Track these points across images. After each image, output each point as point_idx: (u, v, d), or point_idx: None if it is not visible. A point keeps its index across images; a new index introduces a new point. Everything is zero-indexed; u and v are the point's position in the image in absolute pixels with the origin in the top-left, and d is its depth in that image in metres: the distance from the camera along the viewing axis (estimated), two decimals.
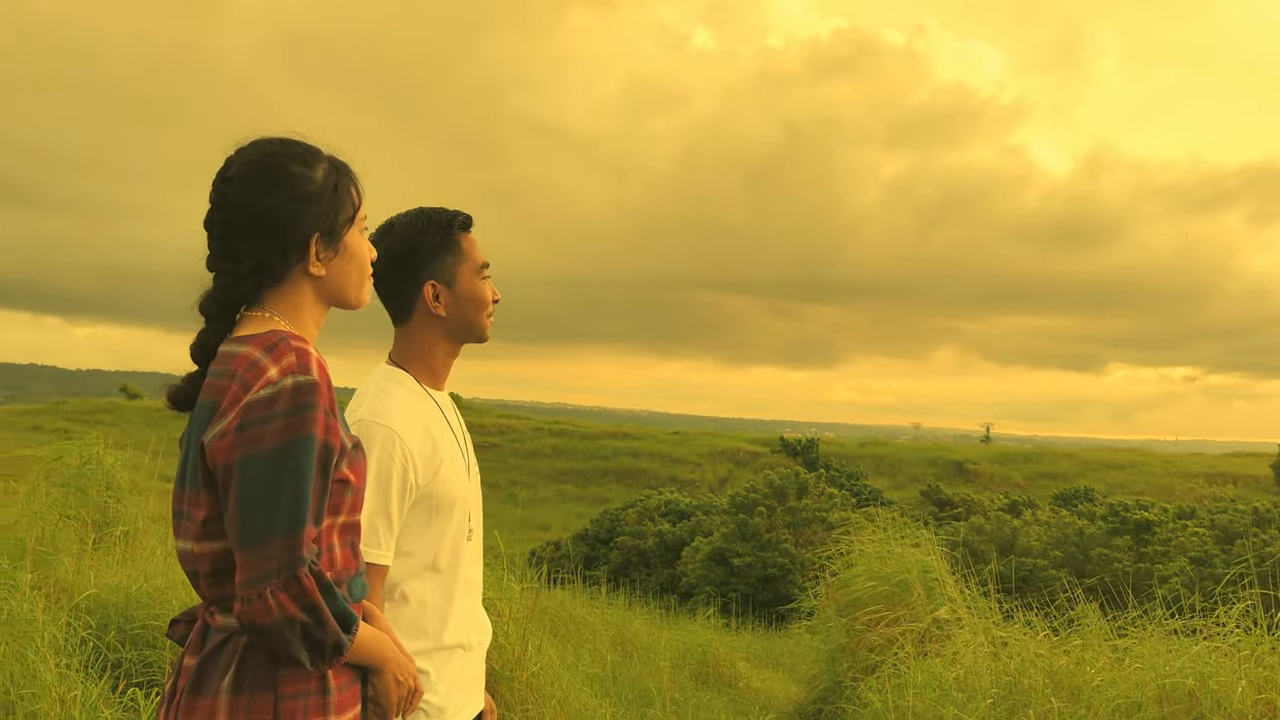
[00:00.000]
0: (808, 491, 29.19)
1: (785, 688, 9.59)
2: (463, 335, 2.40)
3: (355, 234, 1.91)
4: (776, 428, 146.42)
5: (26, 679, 3.70)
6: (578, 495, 71.83)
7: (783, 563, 25.97)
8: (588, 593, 13.92)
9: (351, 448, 1.79)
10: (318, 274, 1.84)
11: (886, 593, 7.83)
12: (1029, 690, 5.51)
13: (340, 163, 1.90)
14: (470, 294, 2.37)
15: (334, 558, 1.78)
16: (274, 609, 1.61)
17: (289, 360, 1.68)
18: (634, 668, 8.10)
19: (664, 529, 34.04)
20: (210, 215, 1.79)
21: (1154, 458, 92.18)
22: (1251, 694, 4.69)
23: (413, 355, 2.37)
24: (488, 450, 78.85)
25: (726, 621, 16.97)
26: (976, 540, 26.86)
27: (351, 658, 1.75)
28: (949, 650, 6.62)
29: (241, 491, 1.62)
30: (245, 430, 1.63)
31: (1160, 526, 30.47)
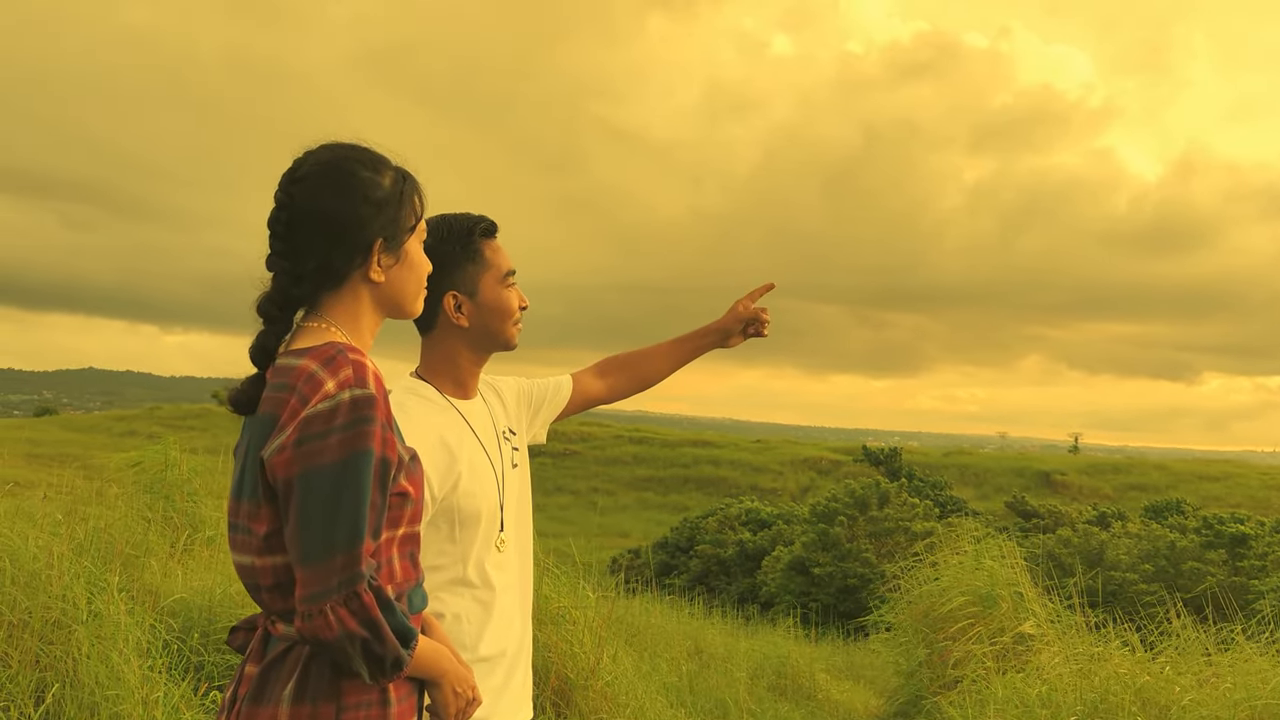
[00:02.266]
0: (889, 501, 28.85)
1: (865, 700, 9.48)
2: (488, 345, 2.35)
3: (416, 243, 1.91)
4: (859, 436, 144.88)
5: (111, 680, 3.79)
6: (658, 503, 71.80)
7: (863, 573, 25.70)
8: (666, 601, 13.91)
9: (409, 460, 1.79)
10: (378, 280, 1.83)
11: (969, 606, 7.70)
12: (1115, 708, 5.37)
13: (406, 172, 1.90)
14: (494, 303, 2.31)
15: (393, 570, 1.77)
16: (334, 624, 1.60)
17: (346, 374, 1.67)
18: (710, 678, 8.06)
19: (744, 538, 33.87)
20: (275, 214, 1.79)
21: (1250, 469, 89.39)
22: None
23: (437, 366, 2.33)
24: (568, 458, 79.20)
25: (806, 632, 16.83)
26: (1063, 553, 26.31)
27: (411, 671, 1.75)
28: (1032, 666, 6.48)
29: (301, 506, 1.62)
30: (304, 445, 1.62)
31: (1257, 540, 29.49)
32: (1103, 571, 24.94)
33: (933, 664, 7.63)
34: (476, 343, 2.33)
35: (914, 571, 8.65)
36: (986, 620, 7.52)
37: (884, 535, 27.64)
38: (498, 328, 2.33)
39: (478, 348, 2.34)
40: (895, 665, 8.81)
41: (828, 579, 26.57)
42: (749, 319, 2.82)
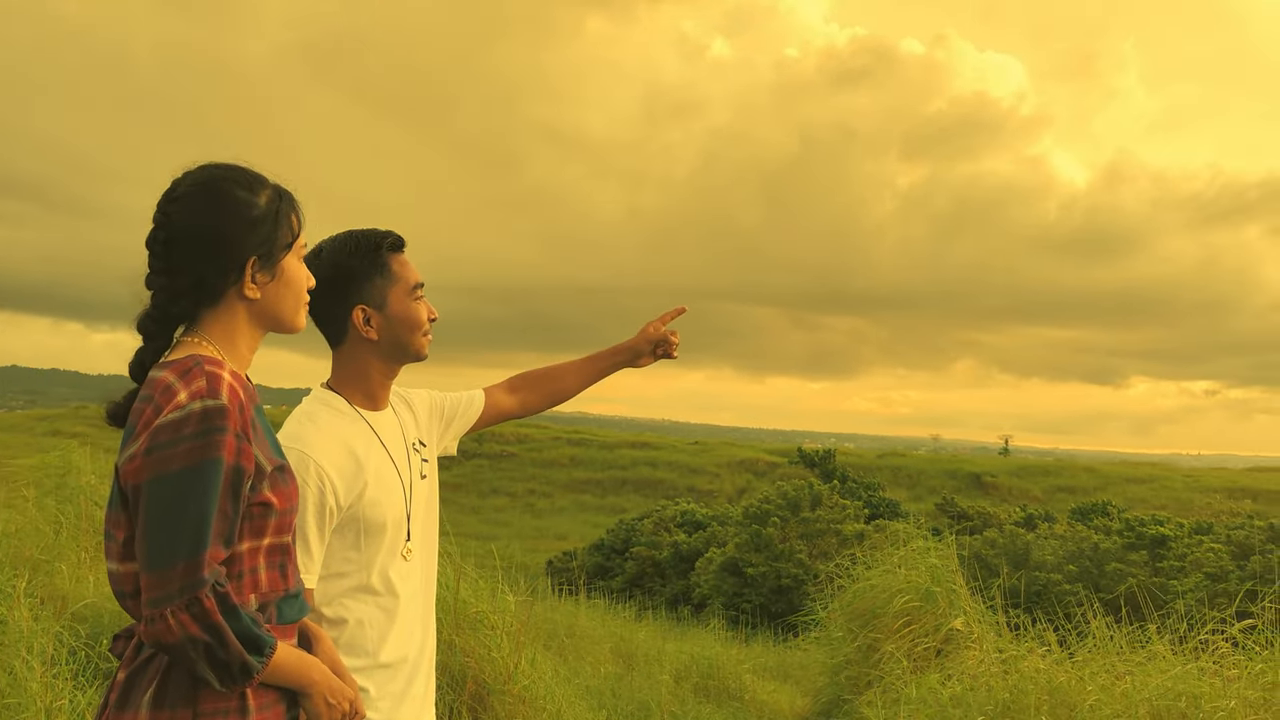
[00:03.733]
0: (822, 503, 29.10)
1: (791, 700, 9.56)
2: (398, 357, 2.41)
3: (294, 260, 1.96)
4: (796, 438, 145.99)
5: (13, 688, 3.72)
6: (596, 505, 71.74)
7: (796, 573, 25.89)
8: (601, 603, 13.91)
9: (273, 470, 1.83)
10: (254, 297, 1.89)
11: (895, 606, 7.80)
12: (1026, 708, 5.48)
13: (284, 191, 1.96)
14: (403, 316, 2.37)
15: (258, 580, 1.81)
16: (175, 629, 1.64)
17: (199, 385, 1.72)
18: (635, 680, 8.09)
19: (679, 539, 33.96)
20: (153, 234, 1.85)
21: (1175, 472, 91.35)
22: (1243, 714, 4.65)
23: (347, 378, 2.38)
24: (505, 460, 78.90)
25: (737, 633, 16.93)
26: (989, 554, 26.72)
27: (270, 679, 1.78)
28: (954, 666, 6.59)
29: (147, 513, 1.67)
30: (153, 453, 1.67)
31: (1176, 541, 30.22)
32: (1028, 572, 25.35)
33: (856, 664, 7.72)
34: (387, 355, 2.38)
35: (846, 571, 8.75)
36: (912, 620, 7.62)
37: (816, 536, 27.87)
38: (407, 340, 2.39)
39: (388, 360, 2.39)
40: (821, 665, 8.90)
41: (760, 580, 26.73)
42: (658, 340, 2.92)
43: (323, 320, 2.36)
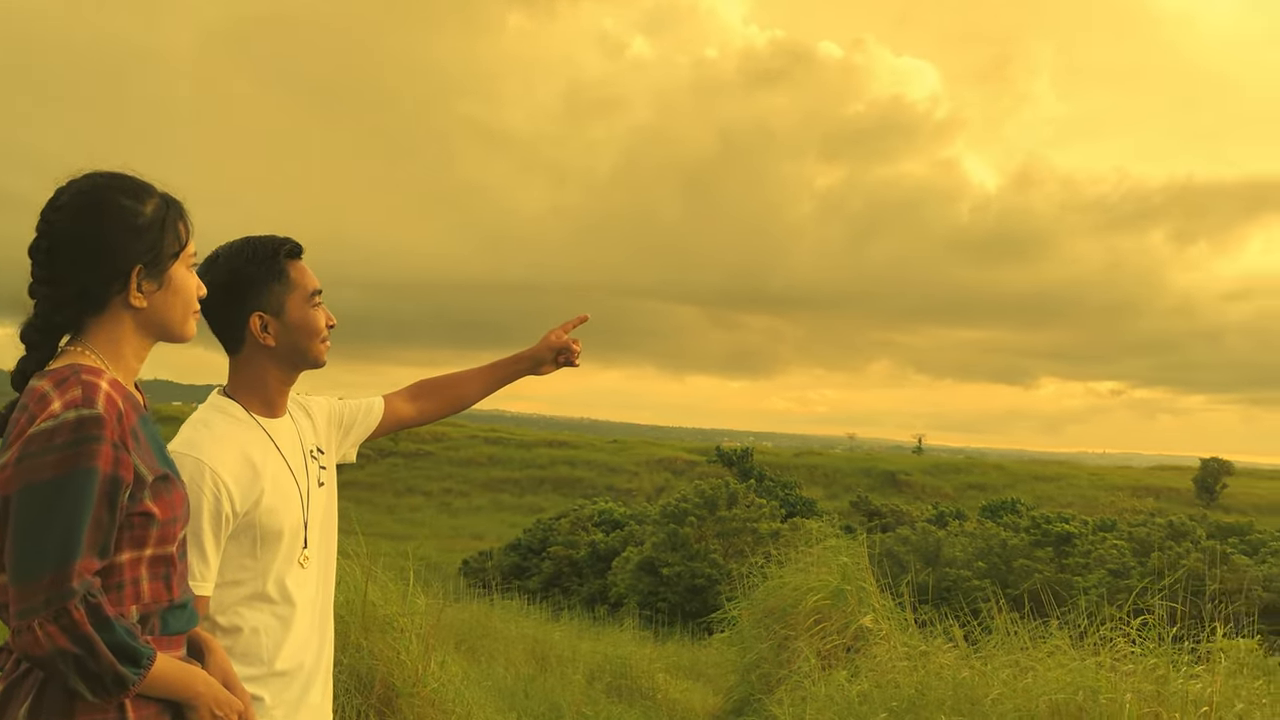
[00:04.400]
0: (738, 502, 29.32)
1: (703, 699, 9.61)
2: (296, 363, 2.38)
3: (181, 269, 1.93)
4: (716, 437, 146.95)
5: None
6: (513, 504, 71.52)
7: (711, 572, 26.06)
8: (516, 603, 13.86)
9: (155, 480, 1.79)
10: (139, 305, 1.86)
11: (807, 604, 7.88)
12: (932, 704, 5.57)
13: (172, 199, 1.93)
14: (301, 323, 2.34)
15: (140, 591, 1.78)
16: (43, 641, 1.62)
17: (74, 394, 1.69)
18: (548, 680, 8.07)
19: (597, 539, 34.00)
20: (36, 242, 1.82)
21: (1082, 470, 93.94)
22: (1138, 708, 4.78)
23: (244, 385, 2.35)
24: (421, 458, 78.27)
25: (653, 632, 16.98)
26: (901, 551, 27.17)
27: (150, 691, 1.75)
28: (863, 663, 6.67)
29: (15, 524, 1.63)
30: (23, 462, 1.64)
31: (1080, 539, 31.05)
32: (938, 569, 25.85)
33: (768, 661, 7.79)
34: (284, 362, 2.36)
35: (761, 569, 8.82)
36: (830, 616, 7.71)
37: (732, 535, 28.07)
38: (305, 346, 2.36)
39: (286, 366, 2.37)
40: (734, 663, 8.96)
41: (676, 579, 26.85)
42: (560, 348, 2.92)
43: (219, 327, 2.32)
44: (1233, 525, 38.69)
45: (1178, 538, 30.20)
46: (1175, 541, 29.55)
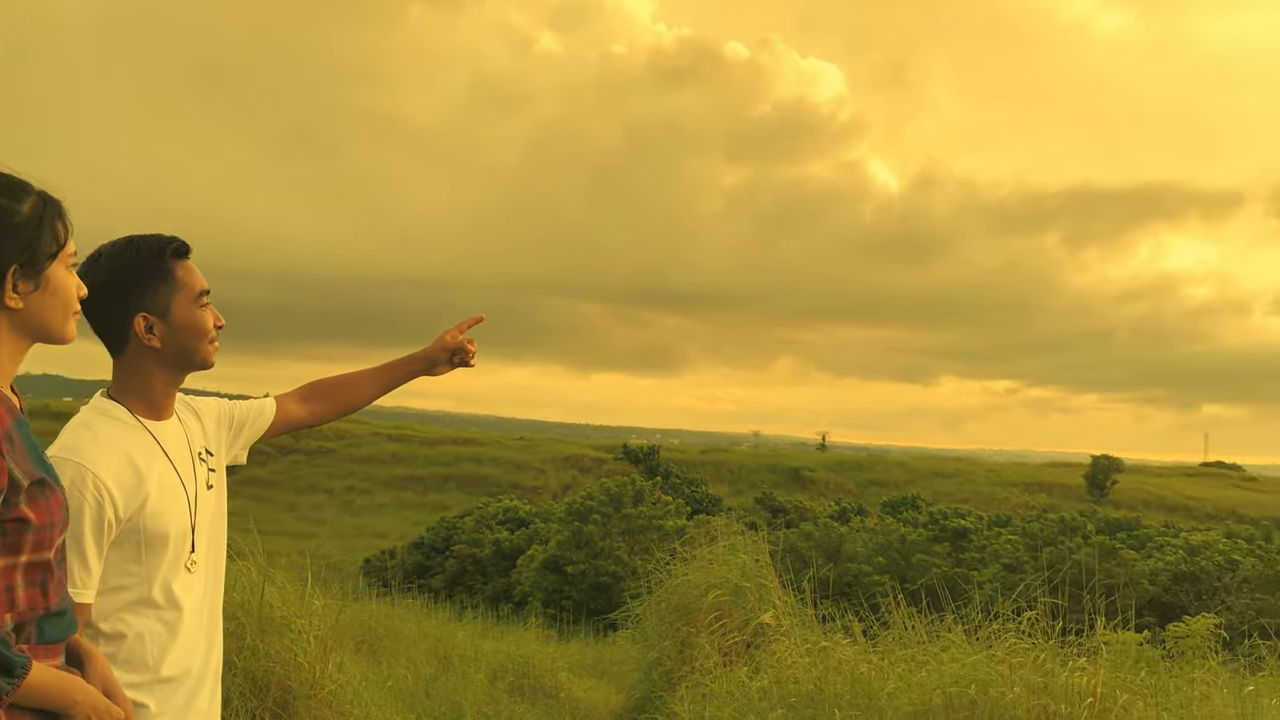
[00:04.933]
0: (643, 499, 29.42)
1: (606, 697, 9.63)
2: (183, 365, 2.33)
3: (60, 269, 1.88)
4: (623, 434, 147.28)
5: None
6: (417, 502, 70.87)
7: (615, 570, 26.12)
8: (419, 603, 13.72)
9: (30, 485, 1.74)
10: (15, 306, 1.81)
11: (709, 601, 7.93)
12: (830, 698, 5.66)
13: (50, 197, 1.87)
14: (188, 323, 2.29)
15: (15, 598, 1.73)
16: None
17: None
18: (450, 680, 8.01)
19: (502, 537, 33.85)
20: None
21: (979, 467, 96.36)
22: (1027, 700, 4.91)
23: (129, 387, 2.29)
24: (323, 455, 77.13)
25: (558, 630, 16.97)
26: (804, 547, 27.54)
27: (25, 700, 1.70)
28: (763, 659, 6.74)
29: None
30: None
31: (976, 534, 31.84)
32: (840, 564, 26.25)
33: (671, 659, 7.83)
34: (171, 363, 2.30)
35: (665, 567, 8.85)
36: (732, 613, 7.78)
37: (637, 533, 28.17)
38: (193, 347, 2.31)
39: (172, 368, 2.31)
40: (636, 661, 8.99)
41: (580, 576, 26.85)
42: (455, 349, 2.89)
43: (101, 329, 2.26)
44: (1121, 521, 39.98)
45: (1069, 533, 31.11)
46: (1066, 537, 30.42)
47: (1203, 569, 27.77)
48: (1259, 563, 28.29)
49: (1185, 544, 31.01)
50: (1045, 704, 4.92)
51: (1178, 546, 30.83)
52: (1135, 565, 28.38)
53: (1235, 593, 26.55)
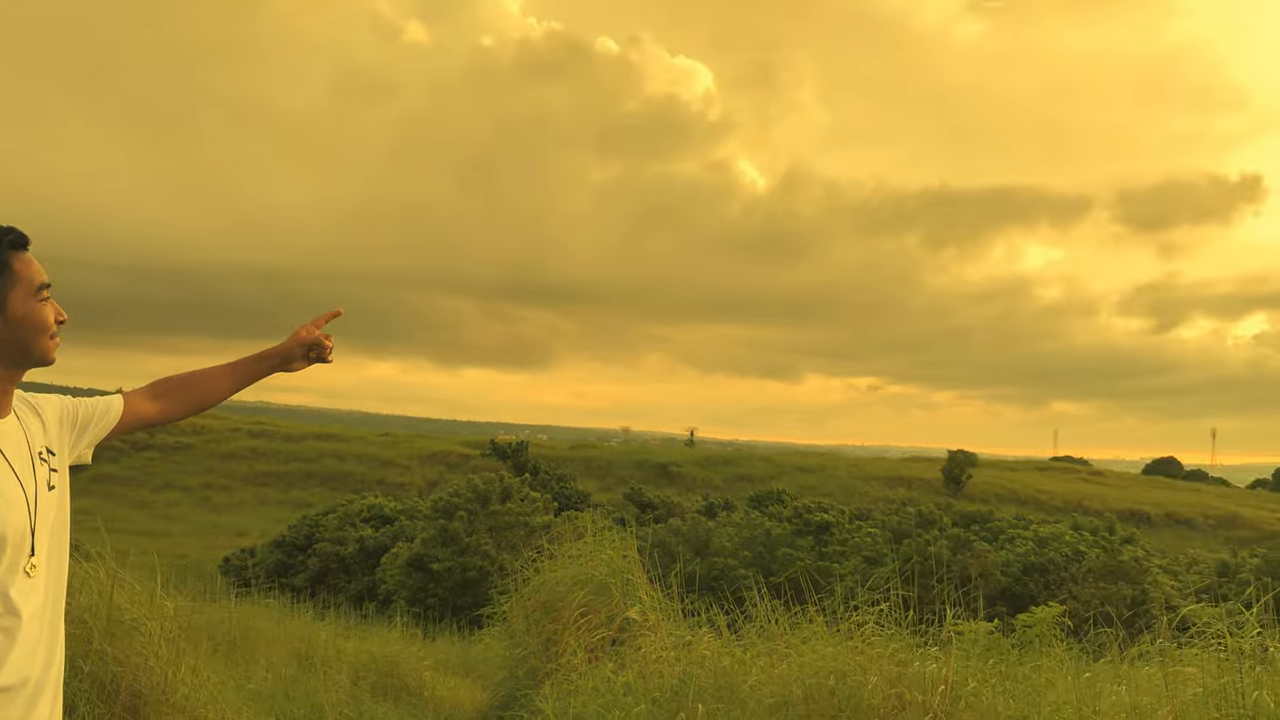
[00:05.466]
0: (511, 496, 29.28)
1: (472, 696, 9.57)
2: (21, 361, 2.23)
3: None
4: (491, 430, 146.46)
5: None
6: (278, 499, 69.29)
7: (483, 566, 25.94)
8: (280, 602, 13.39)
9: None
10: None
11: (575, 597, 7.94)
12: (694, 691, 5.73)
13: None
14: (27, 318, 2.19)
15: None
16: None
17: None
18: (310, 682, 7.85)
19: (366, 534, 33.30)
20: None
21: (841, 461, 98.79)
22: (883, 688, 5.06)
23: None
24: (180, 452, 74.72)
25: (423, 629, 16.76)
26: (672, 542, 27.78)
27: None
28: (629, 654, 6.79)
29: None
30: None
31: (838, 527, 32.62)
32: (707, 558, 26.57)
33: (537, 655, 7.82)
34: (8, 360, 2.20)
35: (532, 564, 8.84)
36: (599, 609, 7.80)
37: (505, 529, 28.01)
38: (32, 344, 2.21)
39: (10, 364, 2.21)
40: (503, 659, 8.95)
41: (446, 574, 26.57)
42: (311, 344, 2.82)
43: None
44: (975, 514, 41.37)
45: (926, 525, 32.11)
46: (924, 529, 31.39)
47: (1051, 560, 28.93)
48: (1103, 554, 29.60)
49: (1035, 536, 32.25)
50: (900, 692, 5.07)
51: (1027, 539, 32.05)
52: (988, 557, 29.43)
53: (1081, 582, 27.73)
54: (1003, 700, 5.01)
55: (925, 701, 4.99)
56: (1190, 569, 39.16)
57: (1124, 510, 79.64)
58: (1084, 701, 4.92)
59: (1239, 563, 33.47)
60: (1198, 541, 72.88)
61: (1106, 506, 79.94)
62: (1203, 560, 43.78)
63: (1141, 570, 29.18)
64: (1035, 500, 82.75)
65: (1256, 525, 79.03)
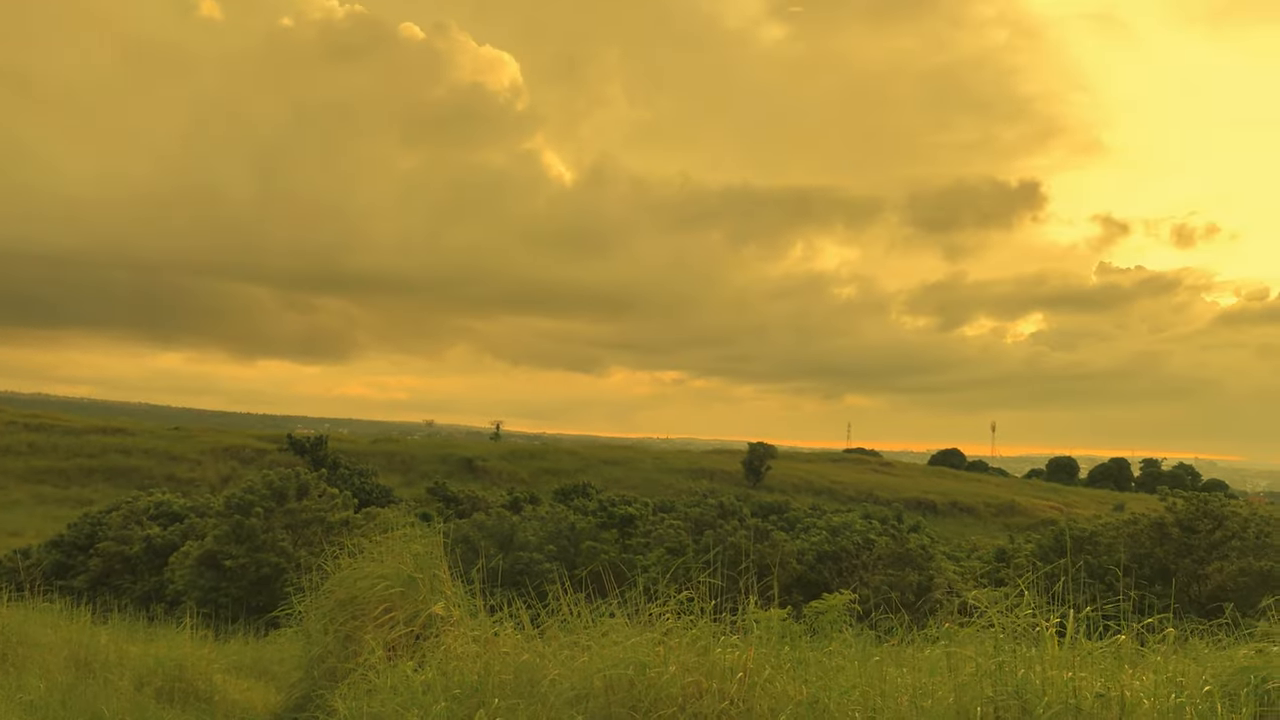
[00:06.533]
0: (309, 492, 28.45)
1: (265, 698, 9.27)
2: None
3: None
4: (289, 424, 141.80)
5: None
6: (57, 497, 65.43)
7: (279, 564, 25.13)
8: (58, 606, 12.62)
9: None
10: None
11: (377, 594, 7.78)
12: (496, 687, 5.70)
13: None
14: None
15: None
16: None
17: None
18: (90, 688, 7.44)
19: (153, 533, 31.79)
20: None
21: (647, 454, 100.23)
22: (682, 677, 5.16)
23: None
24: None
25: (215, 630, 16.12)
26: (477, 536, 27.59)
27: None
28: (431, 651, 6.69)
29: None
30: None
31: (642, 520, 33.07)
32: (511, 553, 26.48)
33: (335, 655, 7.62)
34: None
35: (332, 561, 8.61)
36: (401, 605, 7.65)
37: (302, 526, 27.21)
38: None
39: None
40: (298, 659, 8.70)
41: (240, 572, 25.64)
42: None
43: None
44: (773, 504, 42.73)
45: (727, 516, 32.86)
46: (725, 520, 32.12)
47: (843, 548, 30.07)
48: (891, 541, 30.97)
49: (828, 525, 33.53)
50: (698, 681, 5.18)
51: (821, 528, 33.28)
52: (785, 545, 30.37)
53: (871, 569, 28.94)
54: (796, 685, 5.18)
55: (722, 689, 5.12)
56: (972, 555, 41.47)
57: (911, 499, 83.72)
58: (871, 684, 5.14)
59: (1015, 548, 35.60)
60: (979, 528, 77.30)
61: (896, 496, 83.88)
62: (983, 546, 46.47)
63: (927, 557, 30.68)
64: (830, 490, 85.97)
65: (1032, 512, 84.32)
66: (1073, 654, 4.48)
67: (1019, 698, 4.26)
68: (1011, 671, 4.39)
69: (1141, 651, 4.80)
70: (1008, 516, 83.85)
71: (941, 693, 4.74)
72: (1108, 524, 31.31)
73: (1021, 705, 4.23)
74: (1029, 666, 4.40)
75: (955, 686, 4.64)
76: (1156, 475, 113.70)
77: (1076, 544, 27.91)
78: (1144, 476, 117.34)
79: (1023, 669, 4.39)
